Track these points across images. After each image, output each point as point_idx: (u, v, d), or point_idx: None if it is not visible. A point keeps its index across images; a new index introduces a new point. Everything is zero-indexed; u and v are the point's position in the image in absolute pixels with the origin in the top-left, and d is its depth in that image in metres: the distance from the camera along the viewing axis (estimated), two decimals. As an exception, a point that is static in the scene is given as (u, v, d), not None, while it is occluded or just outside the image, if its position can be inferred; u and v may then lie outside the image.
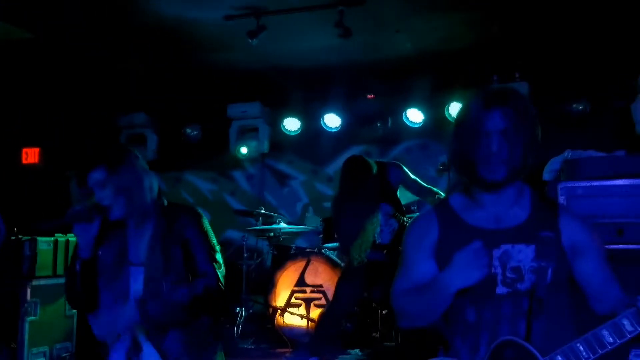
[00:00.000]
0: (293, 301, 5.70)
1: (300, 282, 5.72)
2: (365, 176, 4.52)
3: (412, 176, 4.73)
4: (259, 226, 6.29)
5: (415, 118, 6.88)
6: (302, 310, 5.66)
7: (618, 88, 6.16)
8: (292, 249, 6.08)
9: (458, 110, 2.10)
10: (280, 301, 5.73)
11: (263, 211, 6.37)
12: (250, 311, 6.00)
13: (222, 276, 2.57)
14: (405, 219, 4.69)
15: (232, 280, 5.93)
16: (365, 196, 4.52)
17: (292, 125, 7.36)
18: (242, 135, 7.46)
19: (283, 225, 6.23)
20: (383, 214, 4.59)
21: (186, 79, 6.90)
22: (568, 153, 4.02)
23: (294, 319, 5.67)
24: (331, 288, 5.22)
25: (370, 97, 7.13)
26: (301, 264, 5.73)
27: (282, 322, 5.70)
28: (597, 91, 6.22)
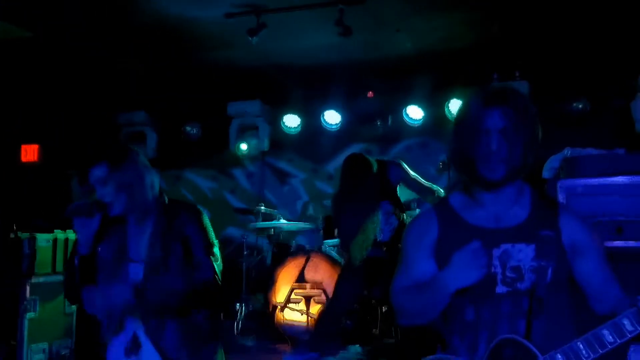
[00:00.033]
0: (293, 297, 5.71)
1: (300, 279, 5.72)
2: (365, 174, 4.53)
3: (412, 174, 4.73)
4: (260, 223, 6.29)
5: (415, 115, 6.88)
6: (302, 306, 5.67)
7: (618, 87, 6.17)
8: (292, 246, 6.10)
9: (458, 108, 2.09)
10: (280, 297, 5.74)
11: (263, 209, 6.38)
12: (250, 308, 6.01)
13: (219, 270, 2.57)
14: (405, 217, 4.70)
15: (232, 277, 5.95)
16: (365, 194, 4.53)
17: (292, 122, 7.35)
18: (242, 133, 7.47)
19: (283, 222, 6.24)
20: (383, 212, 4.60)
21: (186, 77, 6.90)
22: (567, 151, 4.02)
23: (294, 316, 5.67)
24: (331, 285, 5.23)
25: (370, 95, 7.12)
26: (301, 261, 5.74)
27: (282, 319, 5.71)
28: (597, 90, 6.23)
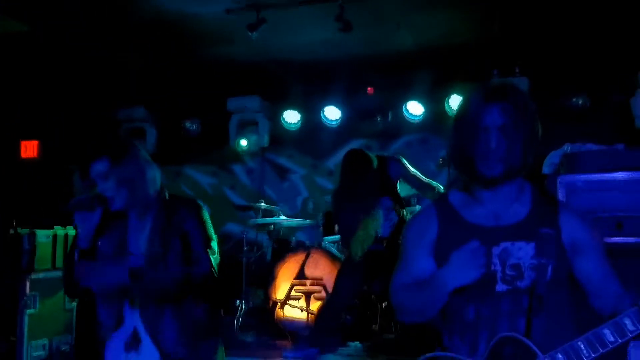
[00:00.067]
0: (293, 294, 5.70)
1: (300, 275, 5.71)
2: (365, 170, 4.52)
3: (412, 170, 4.72)
4: (260, 219, 6.29)
5: (415, 111, 6.87)
6: (302, 302, 5.67)
7: (618, 83, 6.16)
8: (292, 242, 6.09)
9: (457, 105, 2.09)
10: (280, 294, 5.73)
11: (263, 205, 6.38)
12: (250, 304, 6.01)
13: (216, 264, 2.57)
14: (405, 212, 4.70)
15: (232, 273, 5.95)
16: (365, 190, 4.52)
17: (292, 117, 7.34)
18: (242, 129, 7.45)
19: (283, 218, 6.24)
20: (383, 208, 4.60)
21: (185, 73, 6.88)
22: (567, 146, 4.02)
23: (294, 312, 5.67)
24: (331, 281, 5.23)
25: (369, 91, 7.11)
26: (301, 257, 5.73)
27: (282, 315, 5.71)
28: (597, 86, 6.22)
